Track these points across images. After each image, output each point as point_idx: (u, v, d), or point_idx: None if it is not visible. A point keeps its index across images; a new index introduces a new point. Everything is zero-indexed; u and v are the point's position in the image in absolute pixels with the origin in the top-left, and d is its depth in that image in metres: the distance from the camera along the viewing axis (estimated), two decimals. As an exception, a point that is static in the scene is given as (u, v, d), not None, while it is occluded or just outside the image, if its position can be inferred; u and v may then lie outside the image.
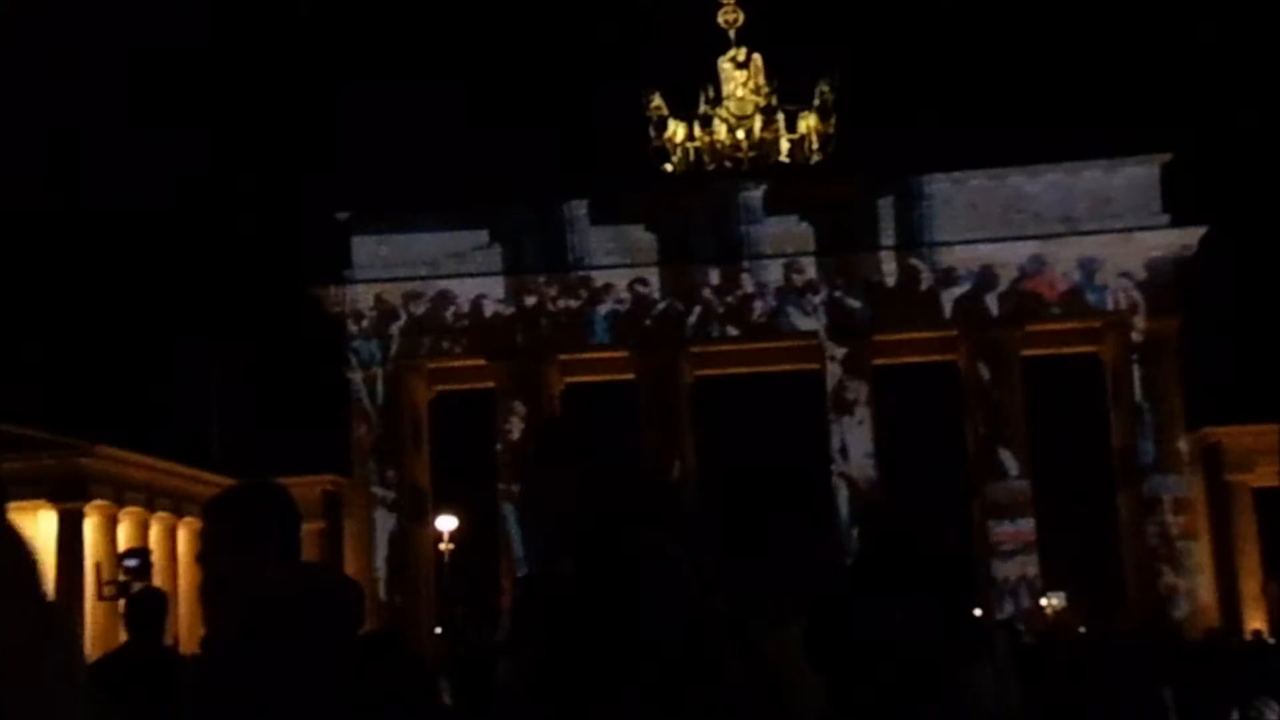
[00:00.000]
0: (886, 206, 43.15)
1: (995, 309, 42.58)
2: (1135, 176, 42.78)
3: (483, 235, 44.33)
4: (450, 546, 43.88)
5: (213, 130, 61.34)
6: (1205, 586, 41.40)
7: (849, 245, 42.88)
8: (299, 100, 61.25)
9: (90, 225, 57.83)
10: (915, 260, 42.90)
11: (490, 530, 43.04)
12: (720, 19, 46.00)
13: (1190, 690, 19.21)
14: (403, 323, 44.43)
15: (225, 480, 20.42)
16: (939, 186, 43.23)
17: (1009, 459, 41.89)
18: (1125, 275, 42.20)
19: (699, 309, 43.63)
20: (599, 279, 43.80)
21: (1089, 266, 42.32)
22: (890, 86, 51.73)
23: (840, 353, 42.89)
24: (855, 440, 42.50)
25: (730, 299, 43.51)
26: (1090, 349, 44.42)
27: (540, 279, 44.00)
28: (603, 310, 43.83)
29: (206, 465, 43.76)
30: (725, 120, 45.12)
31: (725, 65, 45.57)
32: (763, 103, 45.18)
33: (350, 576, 4.82)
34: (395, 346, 44.46)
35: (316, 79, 60.44)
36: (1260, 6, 52.04)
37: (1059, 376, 44.54)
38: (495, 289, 44.21)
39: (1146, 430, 41.86)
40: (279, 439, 44.81)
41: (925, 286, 42.84)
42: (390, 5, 64.09)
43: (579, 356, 44.61)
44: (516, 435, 43.19)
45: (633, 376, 44.02)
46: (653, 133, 45.38)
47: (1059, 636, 25.86)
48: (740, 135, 44.89)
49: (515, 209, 44.41)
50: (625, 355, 43.85)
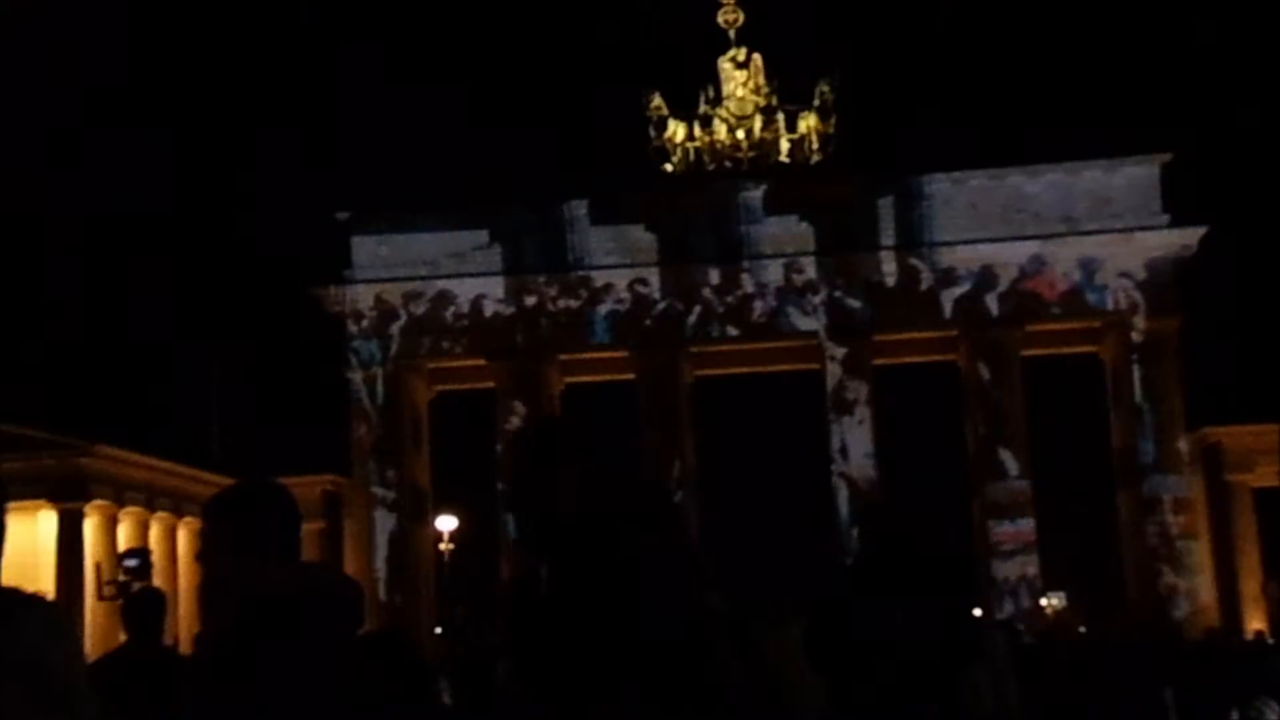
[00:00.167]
0: (886, 206, 43.14)
1: (995, 309, 42.57)
2: (1135, 176, 42.77)
3: (483, 235, 44.32)
4: (450, 546, 43.86)
5: (213, 130, 61.34)
6: (1205, 586, 41.38)
7: (849, 245, 42.87)
8: (299, 100, 61.25)
9: (90, 225, 57.83)
10: (915, 260, 42.89)
11: (490, 530, 43.03)
12: (720, 19, 45.99)
13: (1190, 690, 19.22)
14: (403, 323, 44.42)
15: (225, 480, 20.40)
16: (939, 186, 43.22)
17: (1009, 459, 41.88)
18: (1125, 275, 42.19)
19: (699, 309, 43.62)
20: (599, 279, 43.79)
21: (1089, 266, 42.31)
22: (890, 86, 51.74)
23: (840, 353, 42.88)
24: (855, 440, 42.49)
25: (730, 299, 43.50)
26: (1090, 349, 44.41)
27: (540, 279, 44.00)
28: (603, 310, 43.82)
29: (206, 465, 43.74)
30: (725, 120, 45.11)
31: (725, 65, 45.55)
32: (763, 103, 45.17)
33: (350, 576, 4.82)
34: (395, 346, 44.45)
35: (316, 79, 60.44)
36: (1260, 6, 52.04)
37: (1059, 376, 44.55)
38: (495, 289, 44.21)
39: (1146, 430, 41.85)
40: (279, 439, 44.81)
41: (925, 286, 42.84)
42: (390, 5, 64.09)
43: (579, 356, 44.61)
44: (516, 435, 43.09)
45: (633, 376, 44.01)
46: (653, 133, 45.37)
47: (1059, 636, 25.88)
48: (740, 135, 44.88)
49: (515, 209, 44.40)
50: (625, 355, 43.85)
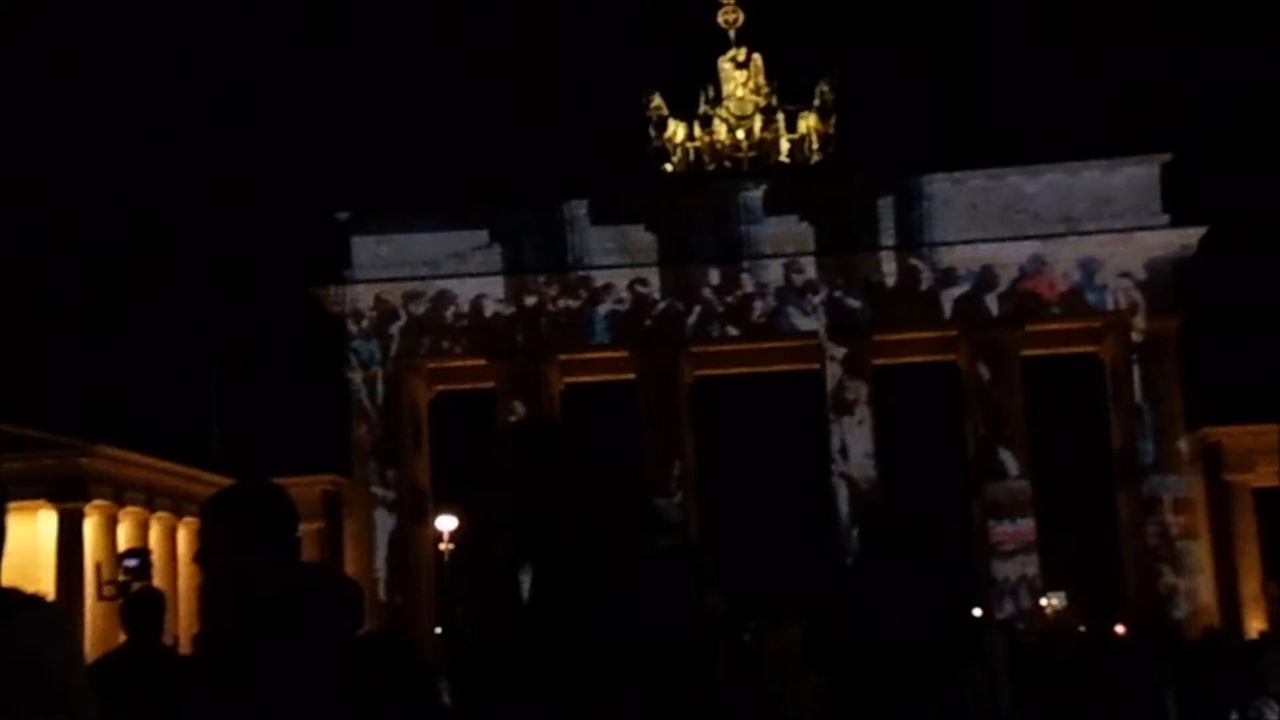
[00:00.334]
0: (886, 206, 43.13)
1: (995, 309, 42.55)
2: (1135, 176, 42.75)
3: (483, 235, 44.31)
4: (450, 546, 43.84)
5: (213, 130, 61.36)
6: (1205, 586, 41.37)
7: (849, 245, 42.86)
8: (299, 100, 61.27)
9: (90, 225, 57.86)
10: (915, 260, 42.87)
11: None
12: (720, 19, 45.98)
13: (1190, 690, 19.21)
14: (403, 323, 44.41)
15: (225, 480, 20.41)
16: (939, 186, 43.21)
17: (1009, 459, 41.86)
18: (1125, 275, 42.18)
19: (699, 309, 43.60)
20: (599, 279, 43.78)
21: (1089, 266, 42.29)
22: (890, 86, 51.76)
23: (840, 353, 42.86)
24: (855, 440, 42.47)
25: (730, 299, 43.48)
26: (1090, 349, 44.40)
27: (540, 279, 43.99)
28: (603, 310, 43.81)
29: (206, 465, 43.77)
30: (725, 120, 45.09)
31: (725, 65, 45.55)
32: (763, 103, 45.15)
33: (350, 576, 4.82)
34: (395, 346, 44.44)
35: (316, 79, 60.47)
36: (1260, 7, 52.05)
37: (1059, 376, 44.58)
38: (495, 289, 44.19)
39: (1146, 430, 41.83)
40: (279, 439, 44.83)
41: (925, 286, 42.82)
42: (390, 5, 64.13)
43: (579, 356, 44.60)
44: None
45: (633, 376, 44.00)
46: (653, 133, 45.36)
47: (1059, 636, 25.89)
48: (740, 135, 44.87)
49: (515, 209, 44.39)
50: (625, 355, 43.83)
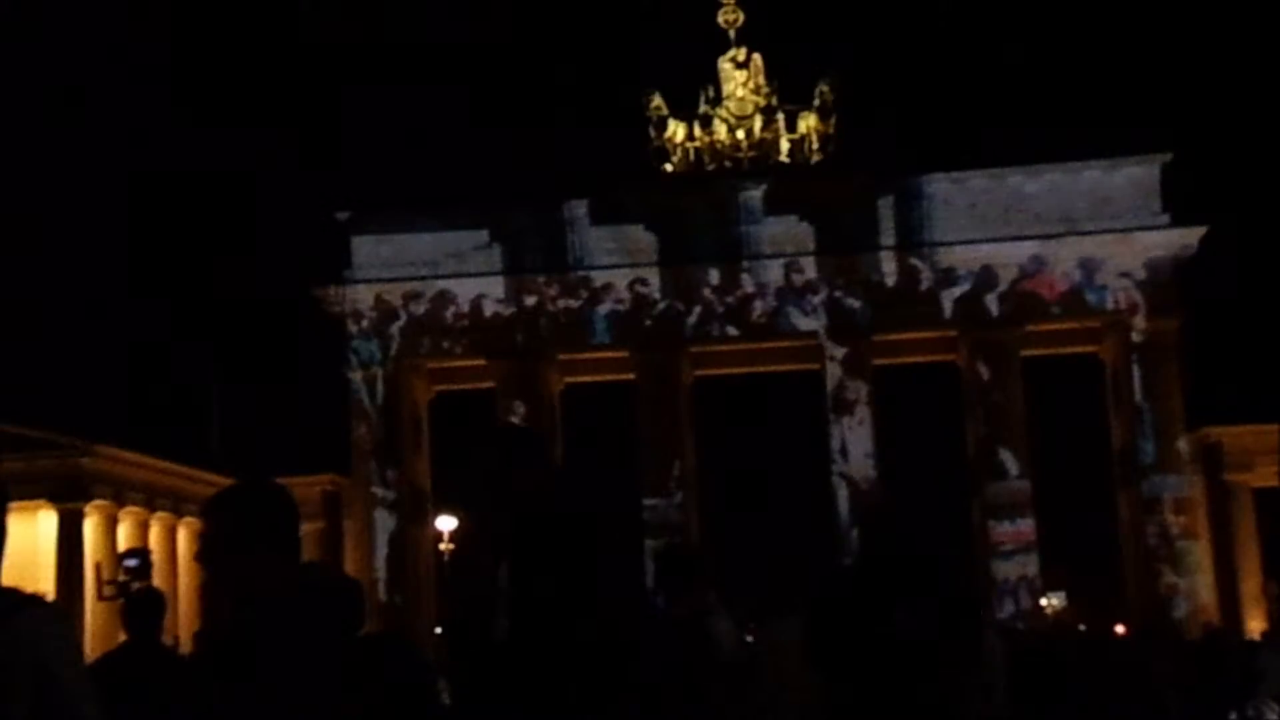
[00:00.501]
0: (886, 206, 43.11)
1: (995, 309, 42.54)
2: (1135, 176, 42.73)
3: (483, 235, 44.29)
4: (450, 546, 43.82)
5: (213, 130, 61.35)
6: (1205, 586, 41.34)
7: (849, 245, 42.84)
8: (299, 100, 61.23)
9: (90, 225, 57.86)
10: (915, 260, 42.85)
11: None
12: (720, 19, 45.97)
13: (1190, 690, 19.20)
14: (403, 323, 44.39)
15: (225, 480, 20.41)
16: (939, 186, 43.19)
17: (1009, 459, 41.85)
18: (1125, 275, 42.16)
19: (699, 309, 43.58)
20: (599, 279, 43.76)
21: (1089, 266, 42.27)
22: (890, 86, 51.75)
23: (840, 353, 42.85)
24: (855, 440, 42.45)
25: (730, 299, 43.46)
26: (1090, 349, 44.39)
27: (540, 279, 43.97)
28: (603, 310, 43.79)
29: (206, 465, 43.78)
30: (725, 120, 45.08)
31: (725, 65, 45.53)
32: (763, 103, 45.14)
33: (351, 576, 4.82)
34: (395, 346, 44.42)
35: (316, 79, 60.43)
36: (1260, 6, 52.05)
37: (1059, 376, 44.55)
38: (495, 289, 44.18)
39: (1146, 430, 41.81)
40: (279, 439, 44.84)
41: (925, 286, 42.81)
42: (390, 5, 64.11)
43: (579, 356, 44.58)
44: (516, 435, 43.11)
45: (633, 376, 43.99)
46: (653, 133, 45.34)
47: (1059, 636, 25.87)
48: (740, 135, 44.85)
49: (515, 209, 44.36)
50: (625, 355, 43.81)
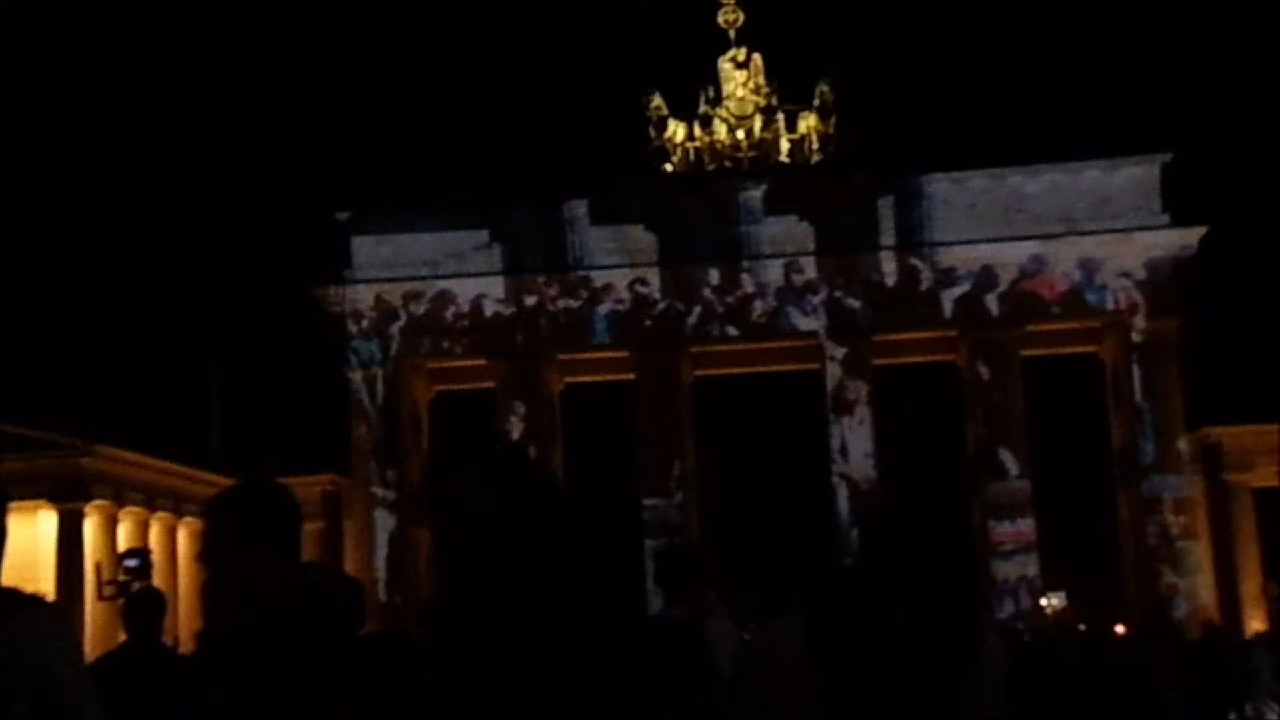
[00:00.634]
0: (886, 206, 43.12)
1: (995, 309, 42.54)
2: (1135, 176, 42.74)
3: (483, 235, 44.29)
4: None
5: (213, 130, 61.34)
6: (1205, 586, 41.34)
7: (849, 245, 42.84)
8: (299, 100, 61.23)
9: (90, 225, 57.86)
10: (915, 260, 42.86)
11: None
12: (720, 19, 45.97)
13: (1191, 690, 19.21)
14: (403, 323, 44.40)
15: (225, 480, 20.39)
16: (939, 186, 43.20)
17: (1009, 459, 41.86)
18: (1125, 275, 42.16)
19: (699, 309, 43.59)
20: (599, 279, 43.77)
21: (1089, 266, 42.28)
22: (890, 86, 51.73)
23: (840, 353, 42.85)
24: (855, 440, 42.46)
25: (730, 299, 43.47)
26: (1090, 349, 44.39)
27: (540, 279, 43.97)
28: (603, 310, 43.80)
29: (206, 465, 43.76)
30: (725, 120, 45.08)
31: (725, 65, 45.53)
32: (763, 103, 45.14)
33: (352, 576, 4.82)
34: (395, 346, 44.42)
35: (317, 79, 60.42)
36: (1260, 6, 52.05)
37: (1059, 376, 44.50)
38: (495, 289, 44.18)
39: (1146, 430, 41.82)
40: (279, 439, 44.84)
41: (925, 286, 42.81)
42: (391, 5, 64.10)
43: (579, 356, 44.58)
44: (516, 435, 43.16)
45: (633, 376, 43.99)
46: (653, 133, 45.35)
47: (1059, 636, 25.88)
48: (740, 135, 44.85)
49: (515, 209, 44.37)
50: (625, 355, 43.82)
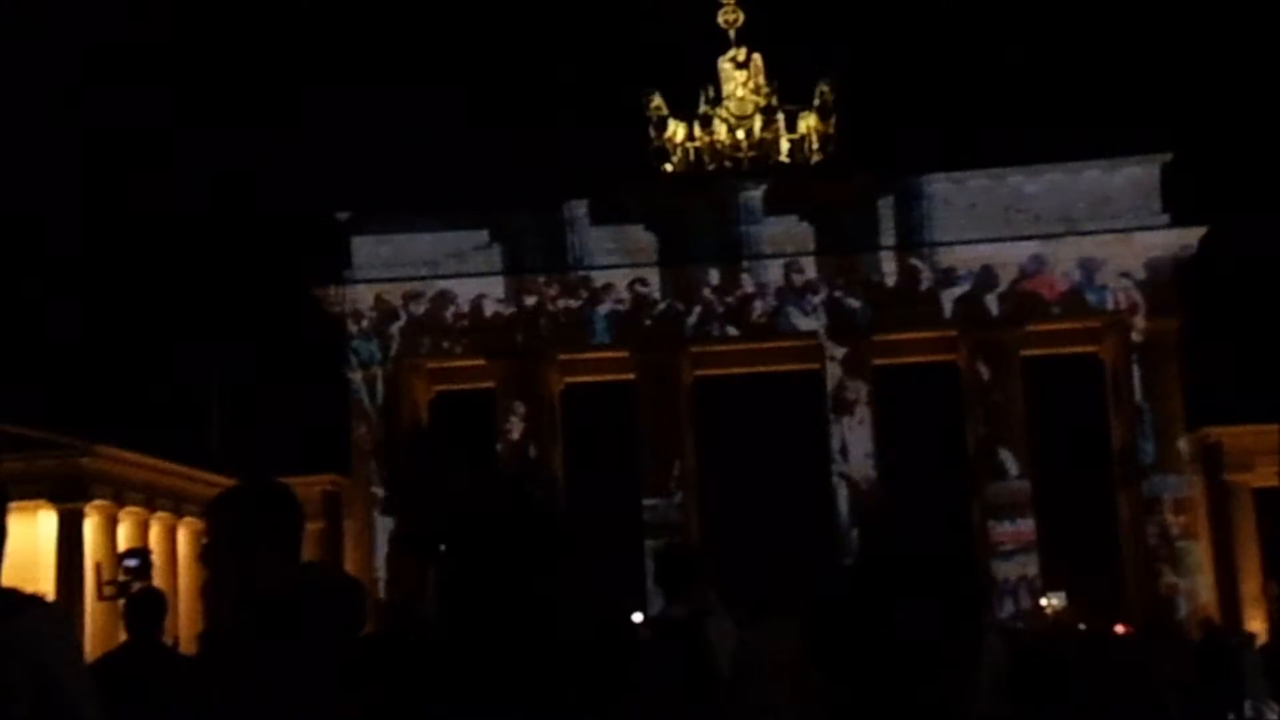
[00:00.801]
0: (886, 206, 43.13)
1: (995, 309, 42.56)
2: (1135, 176, 42.75)
3: (483, 235, 44.30)
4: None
5: (213, 130, 61.33)
6: (1205, 586, 41.36)
7: (849, 245, 42.85)
8: (299, 100, 61.21)
9: (89, 225, 57.85)
10: (915, 260, 42.87)
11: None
12: (720, 19, 45.97)
13: (1190, 690, 19.21)
14: (403, 323, 44.41)
15: (225, 480, 20.40)
16: (939, 186, 43.21)
17: (1009, 459, 41.87)
18: (1125, 275, 42.17)
19: (699, 309, 43.60)
20: (599, 279, 43.78)
21: (1089, 266, 42.29)
22: (890, 86, 51.69)
23: (840, 353, 42.87)
24: (855, 440, 42.47)
25: (730, 299, 43.48)
26: (1090, 349, 44.40)
27: (540, 279, 43.98)
28: (603, 310, 43.81)
29: (206, 465, 43.77)
30: (725, 120, 45.09)
31: (725, 65, 45.54)
32: (763, 103, 45.15)
33: (353, 576, 4.82)
34: (395, 346, 44.43)
35: (317, 79, 60.39)
36: (1260, 6, 52.04)
37: (1059, 376, 44.48)
38: (495, 289, 44.19)
39: (1146, 430, 41.83)
40: (279, 439, 44.82)
41: (925, 286, 42.82)
42: (391, 5, 64.08)
43: (579, 356, 44.59)
44: (516, 435, 43.20)
45: (633, 376, 44.00)
46: (653, 133, 45.35)
47: (1059, 636, 25.86)
48: (740, 135, 44.86)
49: (515, 209, 44.38)
50: (625, 355, 43.83)
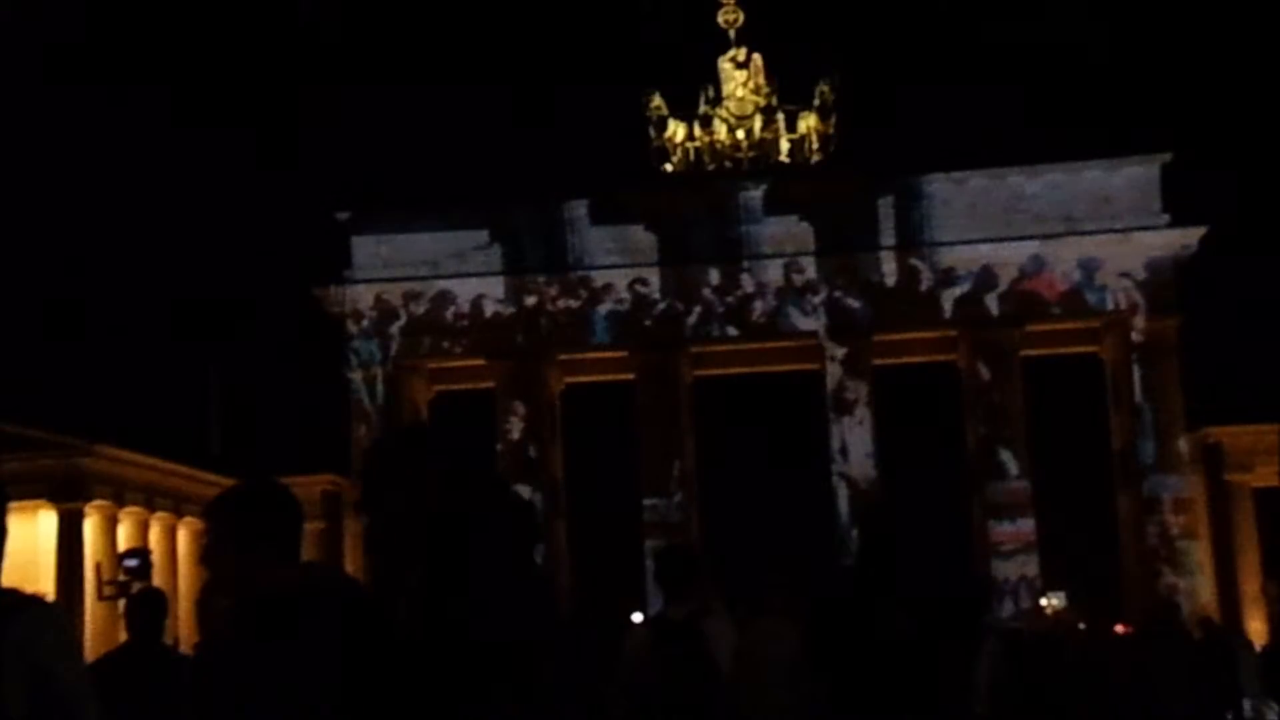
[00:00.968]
0: (886, 206, 43.13)
1: (995, 309, 42.56)
2: (1135, 176, 42.75)
3: (483, 235, 44.31)
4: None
5: (212, 130, 61.31)
6: (1205, 586, 41.37)
7: (849, 245, 42.86)
8: (299, 100, 61.19)
9: (90, 224, 57.83)
10: (915, 260, 42.87)
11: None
12: (720, 19, 45.97)
13: (1190, 690, 19.19)
14: (403, 323, 44.41)
15: (225, 480, 20.39)
16: (939, 186, 43.21)
17: (1009, 459, 41.87)
18: (1125, 275, 42.18)
19: (699, 309, 43.60)
20: (599, 279, 43.78)
21: (1089, 266, 42.29)
22: (890, 86, 51.65)
23: (840, 353, 42.87)
24: (855, 440, 42.47)
25: (730, 299, 43.48)
26: (1090, 349, 44.40)
27: (540, 279, 43.99)
28: (603, 310, 43.81)
29: (206, 465, 43.76)
30: (725, 120, 45.10)
31: (725, 65, 45.54)
32: (763, 103, 45.15)
33: (354, 576, 4.82)
34: (395, 346, 44.44)
35: (317, 79, 60.38)
36: (1260, 6, 52.02)
37: (1059, 376, 44.47)
38: (495, 289, 44.19)
39: (1146, 430, 41.83)
40: (279, 439, 44.81)
41: (925, 286, 42.82)
42: (391, 5, 64.06)
43: (579, 356, 44.60)
44: (516, 435, 43.20)
45: (633, 376, 44.00)
46: (653, 133, 45.36)
47: (1059, 636, 25.85)
48: (740, 135, 44.87)
49: (515, 209, 44.39)
50: (625, 355, 43.83)
